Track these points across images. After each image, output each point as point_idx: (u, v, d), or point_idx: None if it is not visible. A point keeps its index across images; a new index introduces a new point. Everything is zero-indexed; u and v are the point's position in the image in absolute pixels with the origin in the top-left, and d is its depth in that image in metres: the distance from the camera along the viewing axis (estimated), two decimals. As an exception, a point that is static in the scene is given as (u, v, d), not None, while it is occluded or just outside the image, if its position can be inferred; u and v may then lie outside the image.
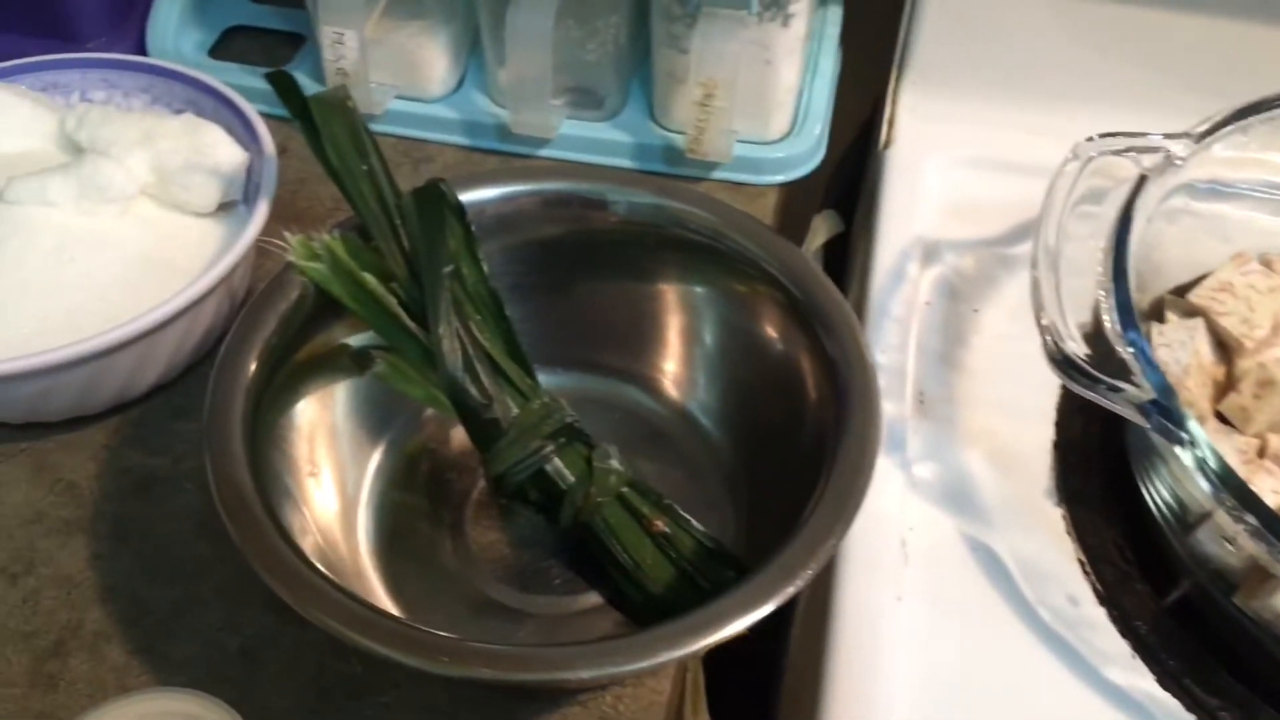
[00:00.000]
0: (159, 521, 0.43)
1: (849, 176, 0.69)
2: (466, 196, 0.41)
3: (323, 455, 0.41)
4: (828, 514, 0.34)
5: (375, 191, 0.40)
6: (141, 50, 0.60)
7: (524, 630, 0.40)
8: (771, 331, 0.42)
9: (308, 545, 0.36)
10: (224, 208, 0.48)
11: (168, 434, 0.46)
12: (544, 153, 0.57)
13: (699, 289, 0.44)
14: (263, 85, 0.57)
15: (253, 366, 0.38)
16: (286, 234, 0.40)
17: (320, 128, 0.40)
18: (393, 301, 0.40)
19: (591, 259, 0.44)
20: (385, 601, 0.40)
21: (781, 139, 0.56)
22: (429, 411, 0.45)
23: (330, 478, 0.42)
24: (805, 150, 0.56)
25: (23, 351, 0.41)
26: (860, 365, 0.38)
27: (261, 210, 0.44)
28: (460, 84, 0.59)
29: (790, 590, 0.32)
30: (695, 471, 0.44)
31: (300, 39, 0.62)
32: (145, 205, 0.46)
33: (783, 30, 0.52)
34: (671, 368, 0.46)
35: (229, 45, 0.62)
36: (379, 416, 0.44)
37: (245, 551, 0.34)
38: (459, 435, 0.45)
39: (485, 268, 0.41)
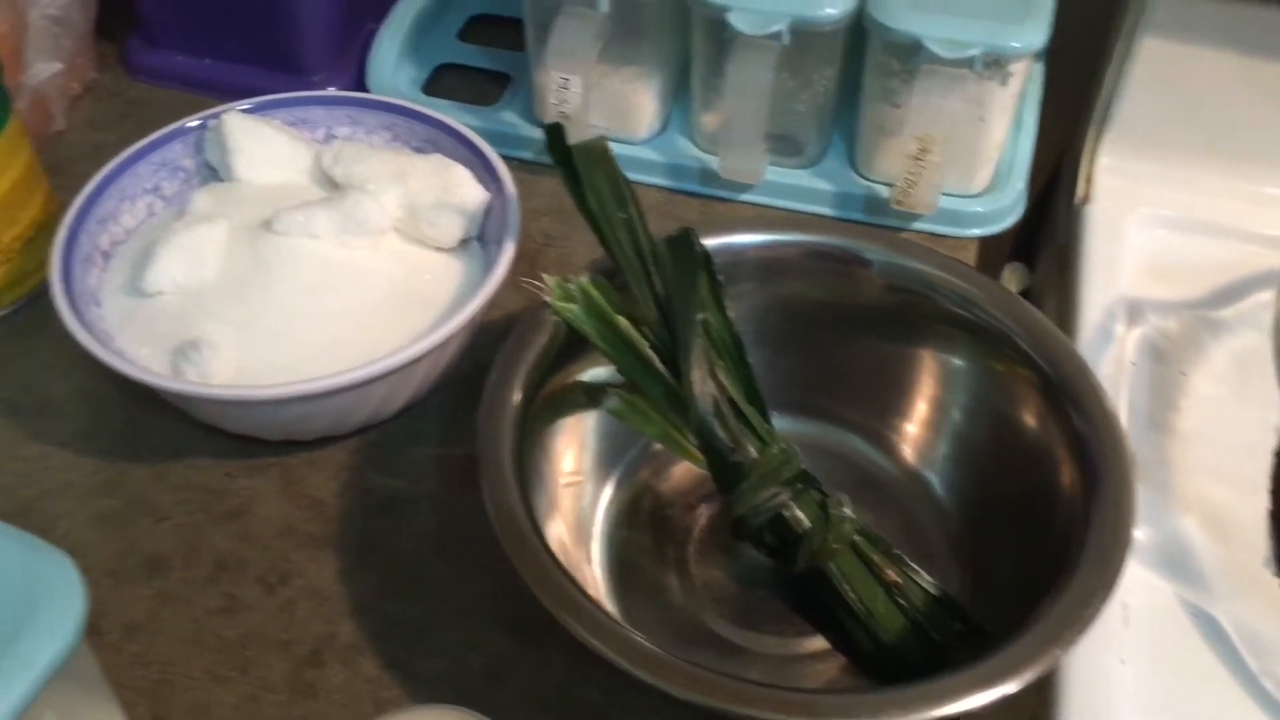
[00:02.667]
0: (400, 541, 0.46)
1: (1031, 229, 0.70)
2: (724, 240, 0.43)
3: (570, 488, 0.43)
4: (1084, 587, 0.35)
5: (631, 238, 0.42)
6: (360, 84, 0.63)
7: (754, 669, 0.42)
8: (1025, 412, 0.42)
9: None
10: (461, 244, 0.50)
11: (406, 457, 0.48)
12: (745, 198, 0.59)
13: (955, 361, 0.45)
14: (473, 122, 0.60)
15: (517, 398, 0.41)
16: (545, 276, 0.42)
17: (582, 175, 0.42)
18: (643, 343, 0.42)
19: (841, 315, 0.45)
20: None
21: (984, 193, 0.57)
22: (649, 452, 0.47)
23: (571, 508, 0.44)
24: (1007, 205, 0.57)
25: (290, 377, 0.43)
26: (1115, 450, 0.38)
27: (509, 249, 0.47)
28: (664, 128, 0.61)
29: (1059, 653, 0.33)
30: (916, 529, 0.45)
31: (505, 78, 0.65)
32: (393, 240, 0.49)
33: (1000, 89, 0.53)
34: (910, 429, 0.47)
35: (439, 82, 0.65)
36: (609, 454, 0.46)
37: (526, 578, 0.36)
38: (676, 474, 0.47)
39: (730, 314, 0.43)
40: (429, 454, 0.48)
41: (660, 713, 0.41)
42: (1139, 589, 0.44)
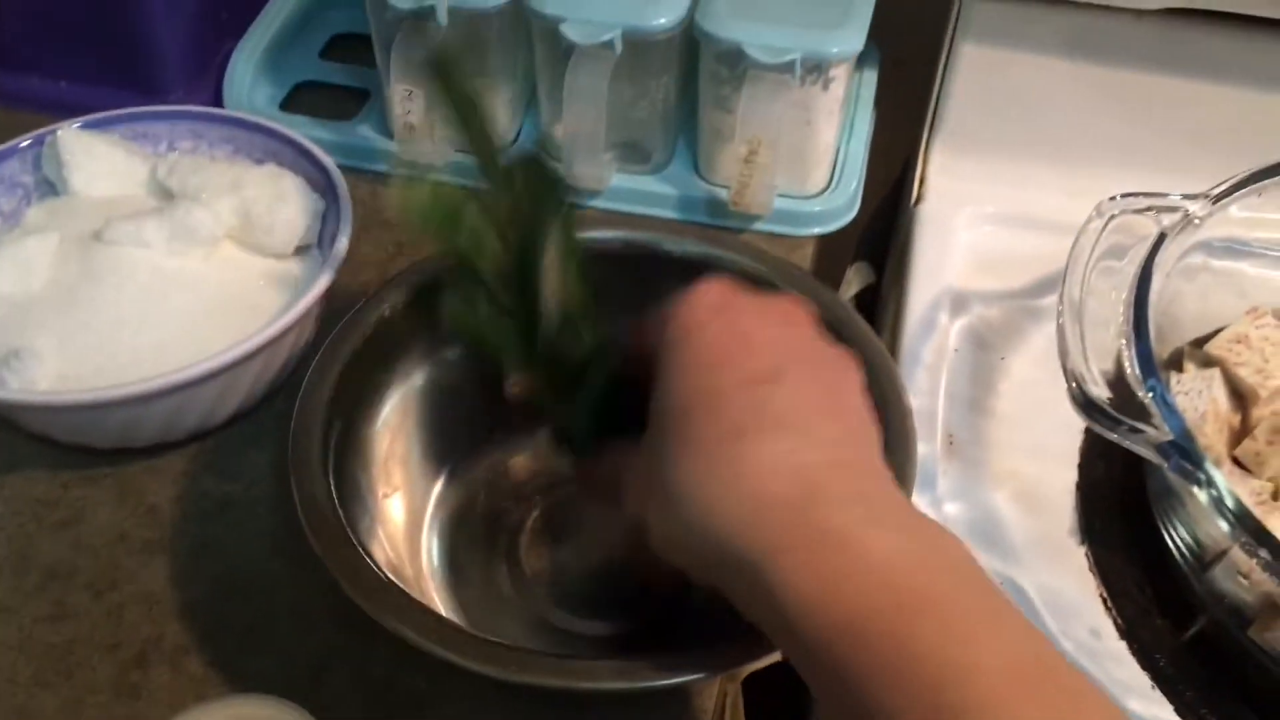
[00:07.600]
0: (234, 543, 0.46)
1: (880, 231, 0.72)
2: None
3: (396, 480, 0.44)
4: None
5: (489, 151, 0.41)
6: (218, 102, 0.64)
7: (579, 651, 0.43)
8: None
9: (382, 563, 0.39)
10: (299, 250, 0.51)
11: (241, 461, 0.49)
12: (595, 203, 0.61)
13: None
14: (329, 137, 0.61)
15: (330, 397, 0.42)
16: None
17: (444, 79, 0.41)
18: (490, 243, 0.40)
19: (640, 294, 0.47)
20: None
21: (819, 194, 0.60)
22: (486, 444, 0.48)
23: (401, 503, 0.45)
24: (841, 205, 0.59)
25: (117, 381, 0.44)
26: (898, 408, 0.40)
27: (339, 251, 0.48)
28: (516, 138, 0.62)
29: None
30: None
31: (365, 94, 0.66)
32: (228, 248, 0.50)
33: (823, 93, 0.55)
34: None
35: (298, 99, 0.66)
36: (441, 448, 0.47)
37: (330, 566, 0.37)
38: (515, 466, 0.49)
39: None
40: (266, 458, 0.49)
41: (483, 698, 0.42)
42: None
